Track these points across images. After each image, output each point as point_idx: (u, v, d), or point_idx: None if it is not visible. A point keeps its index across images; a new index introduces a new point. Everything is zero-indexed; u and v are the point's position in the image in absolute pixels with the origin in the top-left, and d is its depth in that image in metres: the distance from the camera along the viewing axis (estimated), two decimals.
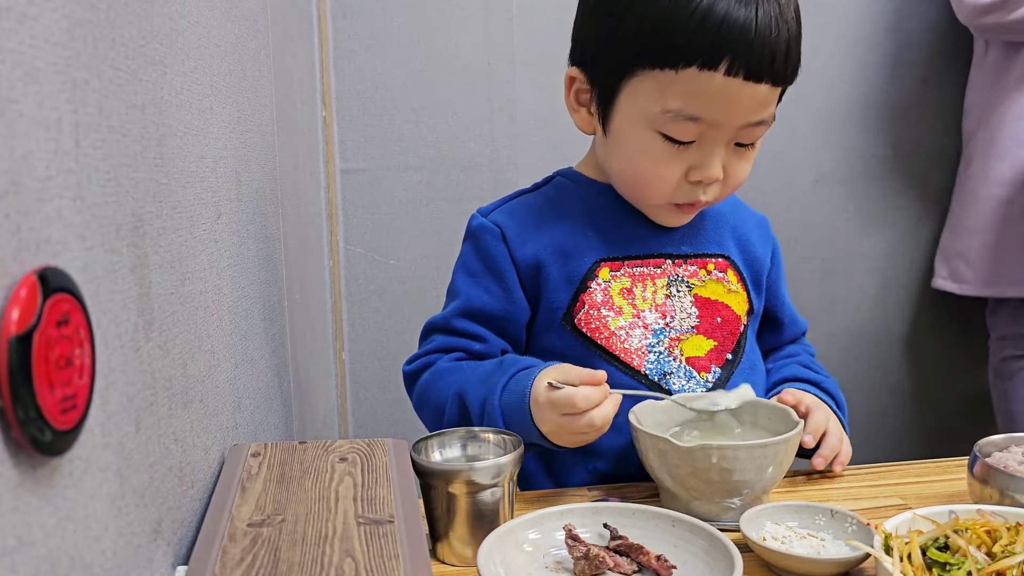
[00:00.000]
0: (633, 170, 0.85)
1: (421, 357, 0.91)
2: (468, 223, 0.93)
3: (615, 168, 0.87)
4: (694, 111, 0.78)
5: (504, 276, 0.88)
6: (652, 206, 0.88)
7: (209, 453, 0.66)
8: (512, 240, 0.89)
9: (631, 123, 0.82)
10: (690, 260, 0.90)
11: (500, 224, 0.90)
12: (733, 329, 0.90)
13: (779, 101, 0.84)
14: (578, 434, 0.76)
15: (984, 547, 0.60)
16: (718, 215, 0.94)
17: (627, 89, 0.81)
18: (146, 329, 0.51)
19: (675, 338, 0.88)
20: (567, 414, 0.75)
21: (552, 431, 0.77)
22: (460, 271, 0.92)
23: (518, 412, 0.78)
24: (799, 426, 0.75)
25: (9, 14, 0.35)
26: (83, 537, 0.40)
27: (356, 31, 1.59)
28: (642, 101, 0.80)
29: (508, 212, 0.92)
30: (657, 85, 0.78)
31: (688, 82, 0.77)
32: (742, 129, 0.80)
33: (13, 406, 0.34)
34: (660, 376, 0.86)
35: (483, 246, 0.90)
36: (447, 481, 0.68)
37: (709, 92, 0.77)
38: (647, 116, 0.80)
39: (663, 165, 0.82)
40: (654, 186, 0.84)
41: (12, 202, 0.35)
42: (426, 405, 0.88)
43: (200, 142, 0.68)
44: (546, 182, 0.96)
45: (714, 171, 0.81)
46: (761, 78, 0.77)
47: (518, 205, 0.93)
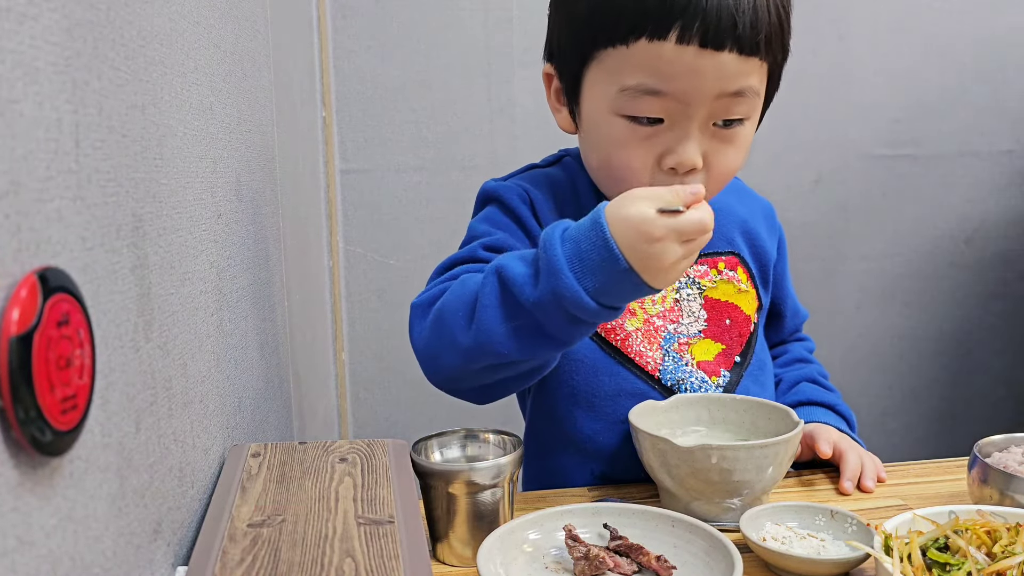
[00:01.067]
0: (605, 161, 0.80)
1: (438, 285, 0.78)
2: (482, 189, 0.88)
3: (592, 163, 0.83)
4: (652, 84, 0.74)
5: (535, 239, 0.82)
6: None
7: (209, 453, 0.66)
8: (540, 208, 0.84)
9: (597, 111, 0.79)
10: (700, 259, 0.89)
11: (528, 191, 0.85)
12: (742, 331, 0.90)
13: (773, 79, 0.79)
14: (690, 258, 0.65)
15: (984, 547, 0.60)
16: (727, 208, 0.92)
17: (589, 76, 0.79)
18: (146, 329, 0.51)
19: (684, 342, 0.87)
20: (691, 239, 0.64)
21: (674, 264, 0.64)
22: (482, 222, 0.84)
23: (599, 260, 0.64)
24: (799, 426, 0.75)
25: (9, 14, 0.35)
26: (83, 537, 0.40)
27: (356, 31, 1.59)
28: (602, 85, 0.77)
29: (529, 180, 0.87)
30: (614, 64, 0.75)
31: (641, 55, 0.73)
32: (717, 102, 0.74)
33: (13, 406, 0.34)
34: (674, 382, 0.86)
35: (510, 207, 0.84)
36: (447, 481, 0.68)
37: (664, 63, 0.73)
38: (609, 100, 0.77)
39: (632, 151, 0.77)
40: (627, 176, 0.78)
41: (12, 202, 0.35)
42: (447, 312, 0.73)
43: (200, 142, 0.68)
44: (556, 160, 0.92)
45: (688, 155, 0.75)
46: (722, 46, 0.72)
47: (536, 177, 0.89)
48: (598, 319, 0.66)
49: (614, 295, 0.65)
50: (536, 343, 0.68)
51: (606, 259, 0.63)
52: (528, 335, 0.68)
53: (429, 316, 0.75)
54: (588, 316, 0.65)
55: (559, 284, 0.64)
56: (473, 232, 0.84)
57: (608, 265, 0.63)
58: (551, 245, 0.66)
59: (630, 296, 0.66)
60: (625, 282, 0.64)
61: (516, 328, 0.68)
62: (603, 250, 0.63)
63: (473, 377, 0.73)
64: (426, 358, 0.75)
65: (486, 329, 0.68)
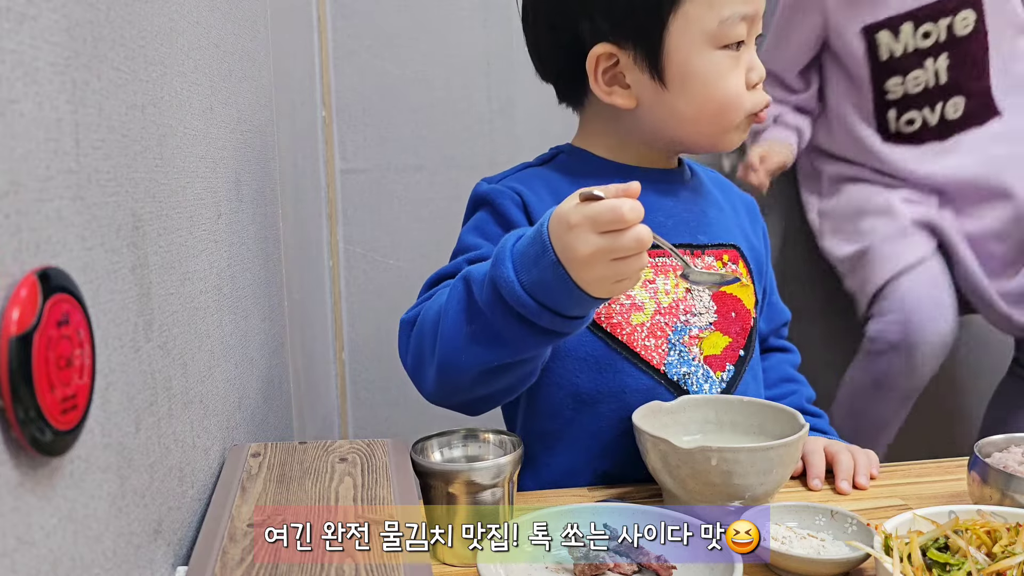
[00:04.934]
0: (713, 99, 0.83)
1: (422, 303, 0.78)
2: (475, 191, 0.87)
3: (689, 114, 0.84)
4: (744, 9, 0.81)
5: None
6: (732, 127, 0.86)
7: (209, 453, 0.66)
8: (533, 208, 0.84)
9: (693, 54, 0.82)
10: (708, 250, 0.89)
11: (519, 192, 0.85)
12: (745, 324, 0.90)
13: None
14: (621, 261, 0.62)
15: (984, 547, 0.60)
16: (718, 203, 0.93)
17: (675, 25, 0.81)
18: (146, 329, 0.51)
19: (695, 336, 0.86)
20: (610, 231, 0.61)
21: (590, 256, 0.61)
22: (471, 232, 0.84)
23: (535, 253, 0.64)
24: (803, 430, 0.75)
25: (9, 14, 0.35)
26: (83, 537, 0.40)
27: (356, 31, 1.59)
28: (697, 25, 0.81)
29: (522, 181, 0.87)
30: (702, 5, 0.80)
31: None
32: (758, 20, 0.84)
33: (13, 406, 0.34)
34: (679, 377, 0.85)
35: (501, 211, 0.84)
36: (447, 481, 0.68)
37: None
38: (707, 36, 0.81)
39: (732, 76, 0.83)
40: (734, 102, 0.83)
41: (12, 202, 0.35)
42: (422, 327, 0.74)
43: (200, 142, 0.68)
44: (551, 157, 0.91)
45: (760, 67, 0.84)
46: None
47: (530, 176, 0.88)
48: (542, 320, 0.65)
49: (551, 293, 0.64)
50: (492, 349, 0.68)
51: (539, 252, 0.63)
52: (484, 340, 0.68)
53: (412, 333, 0.76)
54: (530, 315, 0.65)
55: (497, 272, 0.65)
56: (462, 243, 0.84)
57: (541, 258, 0.63)
58: (506, 240, 0.66)
59: (566, 298, 0.64)
60: (556, 278, 0.63)
61: (473, 333, 0.68)
62: (538, 243, 0.63)
63: (459, 392, 0.74)
64: (413, 375, 0.77)
65: (448, 337, 0.69)
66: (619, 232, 0.61)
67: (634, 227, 0.61)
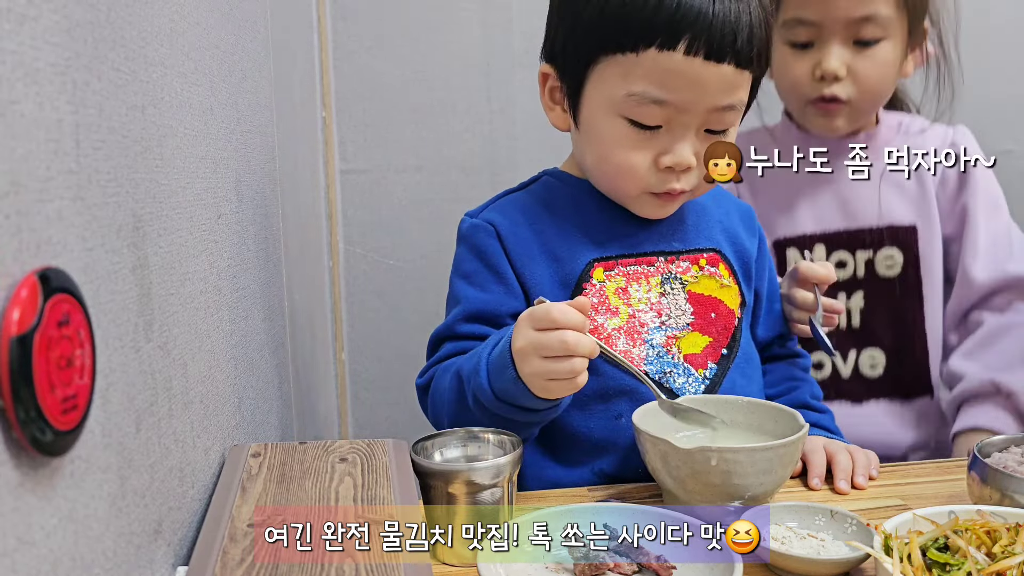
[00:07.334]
0: (604, 159, 0.85)
1: (431, 368, 0.90)
2: (459, 227, 0.93)
3: (589, 161, 0.88)
4: (658, 94, 0.79)
5: (502, 273, 0.88)
6: (630, 198, 0.87)
7: (209, 453, 0.66)
8: (507, 237, 0.89)
9: (599, 111, 0.83)
10: (682, 256, 0.90)
11: (493, 222, 0.89)
12: (727, 324, 0.91)
13: (754, 92, 0.85)
14: (551, 360, 0.71)
15: (984, 548, 0.60)
16: (703, 209, 0.94)
17: (593, 77, 0.82)
18: (146, 330, 0.51)
19: (672, 336, 0.88)
20: (541, 328, 0.72)
21: (521, 350, 0.72)
22: (456, 277, 0.91)
23: (499, 358, 0.75)
24: (802, 431, 0.75)
25: (9, 14, 0.35)
26: (84, 537, 0.40)
27: (356, 31, 1.59)
28: (607, 87, 0.81)
29: (499, 210, 0.92)
30: (621, 70, 0.80)
31: (650, 64, 0.78)
32: (711, 114, 0.80)
33: (14, 406, 0.34)
34: (661, 375, 0.86)
35: (477, 245, 0.89)
36: (447, 481, 0.68)
37: (671, 73, 0.78)
38: (613, 102, 0.81)
39: (632, 152, 0.82)
40: (625, 175, 0.84)
41: (12, 202, 0.35)
42: (436, 403, 0.86)
43: (200, 142, 0.68)
44: (533, 181, 0.96)
45: (684, 156, 0.81)
46: (723, 58, 0.78)
47: (508, 204, 0.93)
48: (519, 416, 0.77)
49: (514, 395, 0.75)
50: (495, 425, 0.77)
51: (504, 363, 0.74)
52: (486, 423, 0.77)
53: (428, 401, 0.88)
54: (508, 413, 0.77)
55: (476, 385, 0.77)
56: (452, 292, 0.91)
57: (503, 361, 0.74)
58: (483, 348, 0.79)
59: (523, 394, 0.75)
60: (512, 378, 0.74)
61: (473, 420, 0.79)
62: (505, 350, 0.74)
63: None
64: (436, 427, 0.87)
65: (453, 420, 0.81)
66: (547, 331, 0.71)
67: (561, 329, 0.71)
